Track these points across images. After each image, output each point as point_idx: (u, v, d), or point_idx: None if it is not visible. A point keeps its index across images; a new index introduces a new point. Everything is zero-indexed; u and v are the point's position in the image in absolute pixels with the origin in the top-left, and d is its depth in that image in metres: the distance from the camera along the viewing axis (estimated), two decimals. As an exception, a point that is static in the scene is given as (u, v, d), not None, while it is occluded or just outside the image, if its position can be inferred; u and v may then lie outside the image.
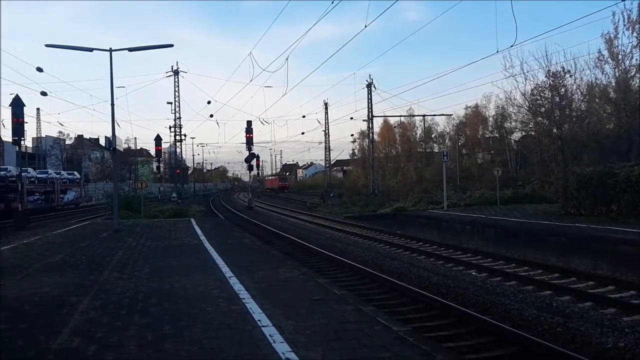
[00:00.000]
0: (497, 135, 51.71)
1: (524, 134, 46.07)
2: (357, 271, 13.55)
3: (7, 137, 43.27)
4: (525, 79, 41.18)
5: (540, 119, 39.95)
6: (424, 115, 55.51)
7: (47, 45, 19.59)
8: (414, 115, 57.57)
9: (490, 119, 52.87)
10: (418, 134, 63.30)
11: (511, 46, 28.69)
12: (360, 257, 16.33)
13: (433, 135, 63.07)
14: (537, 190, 31.36)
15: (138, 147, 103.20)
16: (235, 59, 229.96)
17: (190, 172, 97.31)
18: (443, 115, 55.17)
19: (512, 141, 48.91)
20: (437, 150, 58.82)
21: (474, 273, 13.30)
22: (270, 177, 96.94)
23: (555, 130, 37.76)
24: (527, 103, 40.79)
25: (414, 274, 13.54)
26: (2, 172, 37.19)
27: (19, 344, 5.67)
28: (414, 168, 55.65)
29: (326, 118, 61.97)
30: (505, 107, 46.77)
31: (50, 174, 46.79)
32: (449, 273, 13.48)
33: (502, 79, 68.13)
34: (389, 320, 6.57)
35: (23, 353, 5.37)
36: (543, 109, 39.38)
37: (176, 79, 46.70)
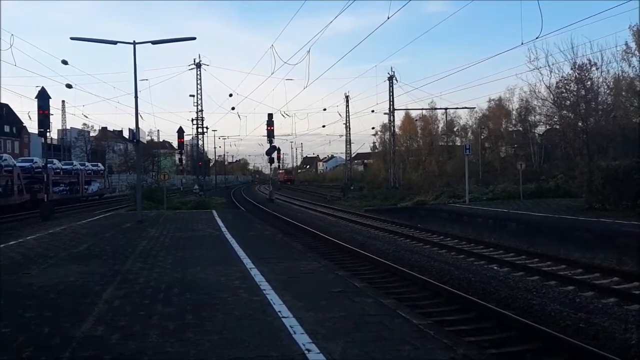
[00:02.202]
0: (520, 128, 51.10)
1: (548, 127, 45.48)
2: (377, 264, 13.53)
3: (33, 129, 44.07)
4: (551, 72, 40.65)
5: (565, 112, 39.37)
6: (446, 109, 55.07)
7: (72, 38, 19.91)
8: (436, 108, 57.18)
9: (514, 112, 52.30)
10: (440, 127, 62.89)
11: (536, 38, 28.22)
12: (381, 250, 16.30)
13: (455, 129, 62.64)
14: (561, 184, 30.88)
15: (161, 140, 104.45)
16: (257, 52, 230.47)
17: (211, 164, 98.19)
18: (466, 108, 54.91)
19: (536, 135, 48.30)
20: (459, 144, 58.37)
21: (495, 267, 13.19)
22: (281, 172, 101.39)
23: (580, 124, 37.18)
24: (552, 96, 40.23)
25: (434, 267, 13.48)
26: (28, 164, 37.94)
27: (45, 331, 5.79)
28: (436, 161, 55.35)
29: (347, 111, 61.87)
30: (530, 100, 46.23)
31: (75, 165, 47.61)
32: (470, 267, 13.39)
33: (526, 71, 67.28)
34: (409, 314, 6.54)
35: (48, 340, 5.47)
36: (568, 102, 38.79)
37: (198, 72, 46.94)
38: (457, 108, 55.46)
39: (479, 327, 8.20)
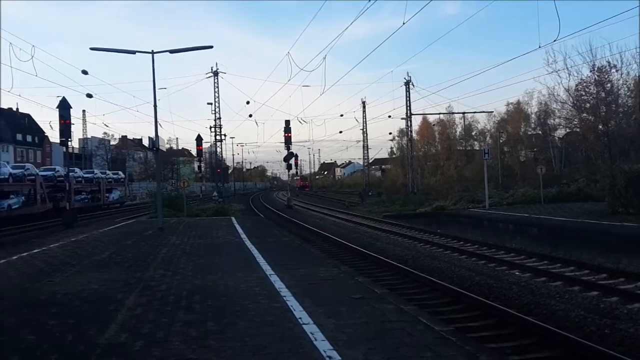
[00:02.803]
0: (540, 132, 50.55)
1: (568, 130, 44.93)
2: (397, 270, 13.47)
3: (55, 138, 44.82)
4: (569, 75, 40.23)
5: (585, 115, 38.88)
6: (463, 113, 54.70)
7: (91, 49, 20.14)
8: (453, 113, 56.84)
9: (533, 115, 51.76)
10: (458, 132, 62.48)
11: (554, 41, 27.70)
12: (400, 256, 16.23)
13: (473, 133, 62.15)
14: (583, 188, 30.47)
15: (180, 147, 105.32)
16: (273, 59, 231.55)
17: (230, 171, 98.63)
18: (483, 112, 54.30)
19: (556, 138, 47.74)
20: (477, 148, 57.93)
21: (517, 273, 13.04)
22: (297, 178, 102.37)
23: (601, 127, 36.69)
24: (571, 99, 39.76)
25: (455, 273, 13.37)
26: (51, 172, 38.55)
27: (69, 338, 5.87)
28: (454, 166, 54.99)
29: (364, 116, 61.83)
30: (548, 104, 45.75)
31: (96, 173, 48.25)
32: (491, 273, 13.25)
33: (544, 74, 66.55)
34: (430, 320, 6.51)
35: (73, 348, 5.55)
36: (588, 104, 38.33)
37: (216, 80, 47.37)
38: (475, 112, 55.04)
39: (501, 333, 8.11)
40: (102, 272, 10.47)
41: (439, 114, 56.73)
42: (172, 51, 20.68)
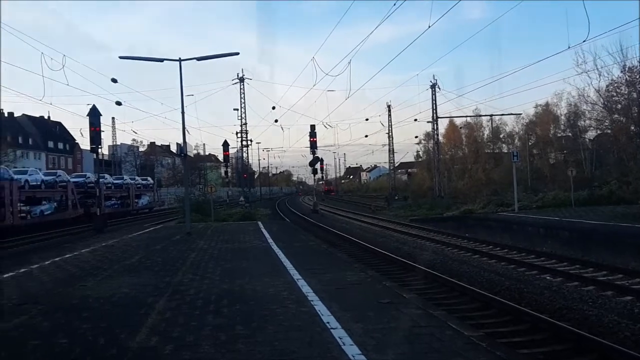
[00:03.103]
0: (570, 134, 49.65)
1: (599, 132, 44.04)
2: (425, 275, 13.35)
3: (86, 145, 45.74)
4: (599, 75, 39.38)
5: (616, 116, 38.09)
6: (491, 115, 54.00)
7: (120, 57, 20.54)
8: (480, 115, 56.16)
9: (562, 117, 50.86)
10: (485, 135, 61.72)
11: (583, 41, 27.34)
12: (428, 261, 16.08)
13: (501, 136, 61.33)
14: (615, 191, 29.79)
15: (207, 153, 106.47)
16: (298, 64, 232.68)
17: (256, 176, 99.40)
18: (512, 114, 53.41)
19: (587, 140, 46.83)
20: (505, 151, 57.12)
21: (548, 277, 12.80)
22: (322, 183, 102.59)
23: (633, 128, 35.88)
24: (601, 100, 38.98)
25: (484, 278, 13.19)
26: (82, 179, 39.35)
27: (101, 342, 5.96)
28: (482, 169, 54.31)
29: (389, 120, 61.54)
30: (578, 105, 44.92)
31: (126, 179, 49.07)
32: (521, 277, 13.04)
33: (573, 75, 65.21)
34: (460, 325, 6.43)
35: (104, 351, 5.64)
36: (619, 105, 37.54)
37: (242, 86, 47.75)
38: (502, 115, 54.25)
39: (533, 339, 7.96)
40: (132, 276, 10.62)
41: (466, 116, 56.08)
42: (199, 58, 20.93)
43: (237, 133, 49.71)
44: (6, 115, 67.15)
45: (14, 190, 27.17)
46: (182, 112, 21.16)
